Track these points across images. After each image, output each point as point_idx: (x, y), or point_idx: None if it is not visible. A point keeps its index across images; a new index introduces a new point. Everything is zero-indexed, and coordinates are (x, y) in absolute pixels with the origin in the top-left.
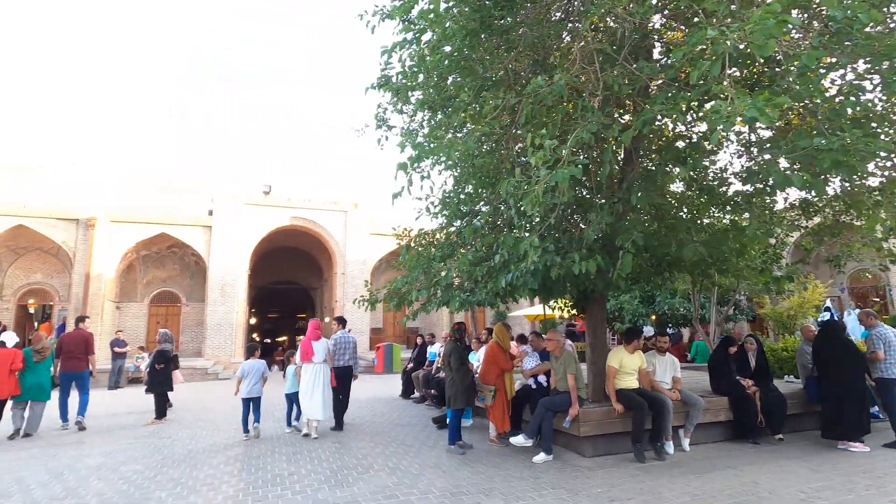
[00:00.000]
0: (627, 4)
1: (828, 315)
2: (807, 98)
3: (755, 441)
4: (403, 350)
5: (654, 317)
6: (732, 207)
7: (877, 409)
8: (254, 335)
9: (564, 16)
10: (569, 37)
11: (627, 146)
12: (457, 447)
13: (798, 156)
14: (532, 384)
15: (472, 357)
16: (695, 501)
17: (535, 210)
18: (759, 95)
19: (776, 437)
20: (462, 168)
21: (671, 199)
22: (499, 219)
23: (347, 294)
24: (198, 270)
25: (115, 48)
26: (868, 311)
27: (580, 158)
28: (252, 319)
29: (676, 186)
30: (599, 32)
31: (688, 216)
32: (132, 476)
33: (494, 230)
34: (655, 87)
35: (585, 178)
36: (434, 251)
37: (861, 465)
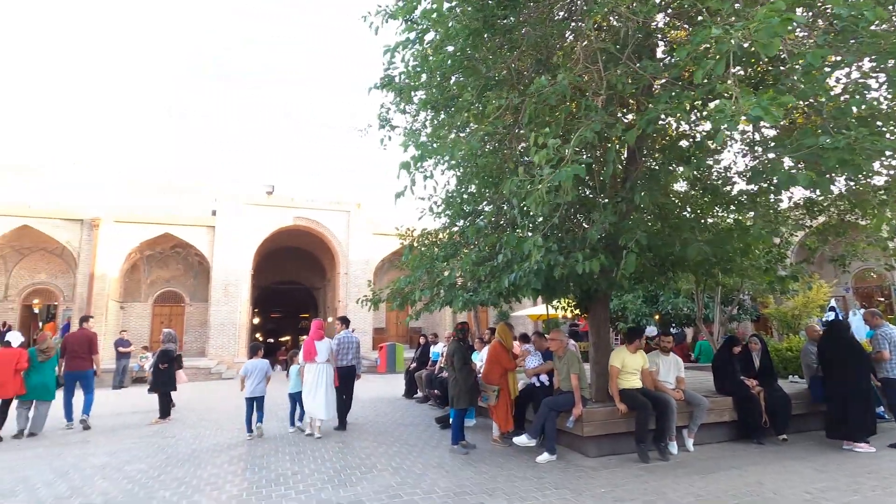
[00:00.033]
0: (631, 3)
1: (832, 315)
2: (812, 97)
3: (759, 441)
4: (406, 350)
5: (658, 316)
6: (737, 207)
7: (882, 410)
8: (257, 335)
9: (567, 15)
10: (572, 36)
11: (631, 145)
12: (460, 447)
13: (803, 154)
14: (536, 382)
15: (476, 357)
16: (699, 502)
17: (539, 210)
18: (764, 94)
19: (780, 438)
20: (465, 168)
21: (675, 199)
22: (502, 218)
23: (350, 294)
24: (201, 270)
25: (116, 48)
26: (873, 311)
27: (584, 157)
28: (255, 319)
29: (680, 186)
30: (602, 31)
31: (691, 215)
32: (136, 475)
33: (497, 230)
34: (659, 87)
35: (589, 178)
36: (437, 251)
37: (866, 466)
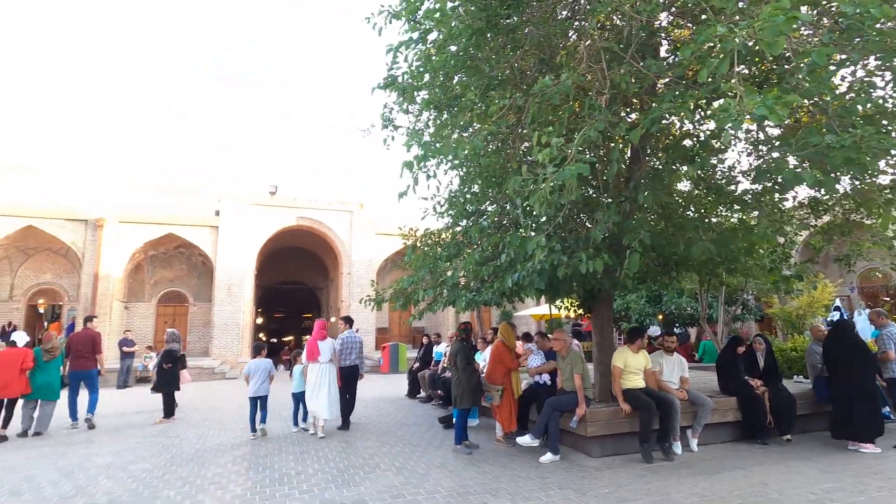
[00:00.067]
0: (634, 2)
1: (837, 314)
2: (817, 95)
3: (764, 442)
4: (409, 350)
5: (661, 316)
6: (741, 206)
7: (888, 410)
8: (260, 335)
9: (571, 14)
10: (575, 35)
11: (635, 145)
12: (463, 447)
13: (808, 153)
14: (540, 381)
15: (479, 357)
16: (703, 502)
17: (542, 209)
18: (769, 93)
19: (784, 438)
20: (468, 167)
21: (678, 198)
22: (505, 218)
23: (353, 294)
24: (205, 270)
25: (116, 48)
26: (879, 311)
27: (587, 156)
28: (259, 319)
29: (684, 185)
30: (606, 31)
31: (695, 215)
32: (141, 475)
33: (501, 229)
34: (662, 86)
35: (592, 178)
36: (440, 251)
37: (872, 467)
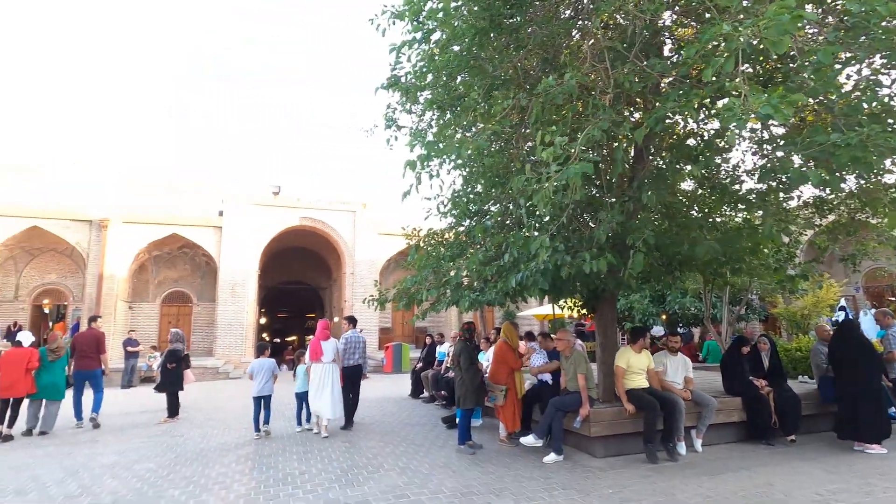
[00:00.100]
0: (638, 1)
1: (843, 314)
2: (822, 94)
3: (769, 442)
4: (412, 350)
5: (665, 316)
6: (746, 205)
7: (894, 410)
8: (264, 335)
9: (574, 14)
10: (578, 34)
11: (639, 144)
12: (467, 447)
13: (814, 152)
14: (546, 380)
15: (482, 357)
16: (708, 503)
17: (546, 209)
18: (774, 92)
19: (788, 439)
20: (471, 167)
21: (682, 198)
22: (508, 218)
23: (356, 294)
24: (208, 271)
25: (116, 48)
26: (885, 311)
27: (591, 156)
28: (262, 319)
29: (687, 185)
30: (609, 30)
31: (699, 214)
32: (145, 474)
33: (504, 229)
34: (666, 85)
35: (596, 177)
36: (443, 251)
37: (878, 467)
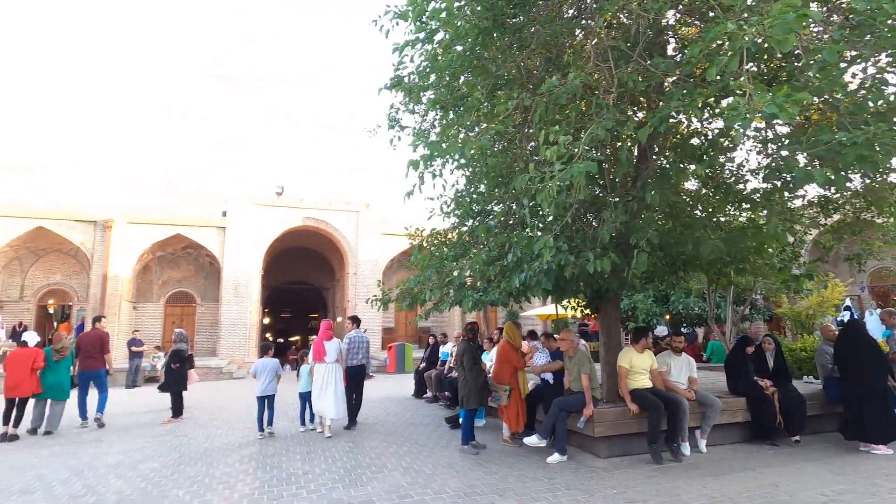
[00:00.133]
0: (641, 0)
1: (848, 314)
2: (827, 93)
3: (773, 443)
4: (415, 350)
5: (668, 316)
6: (751, 205)
7: None
8: (267, 335)
9: (577, 13)
10: (582, 34)
11: (642, 144)
12: (470, 447)
13: (820, 151)
14: (549, 379)
15: (485, 357)
16: None
17: (550, 208)
18: (779, 91)
19: (793, 439)
20: (475, 167)
21: (686, 198)
22: (511, 218)
23: (359, 294)
24: (212, 271)
25: (116, 48)
26: (890, 311)
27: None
28: (265, 319)
29: (691, 184)
30: (613, 29)
31: (703, 214)
32: (150, 474)
33: (507, 229)
34: (670, 84)
35: (599, 177)
36: (446, 251)
37: (884, 468)
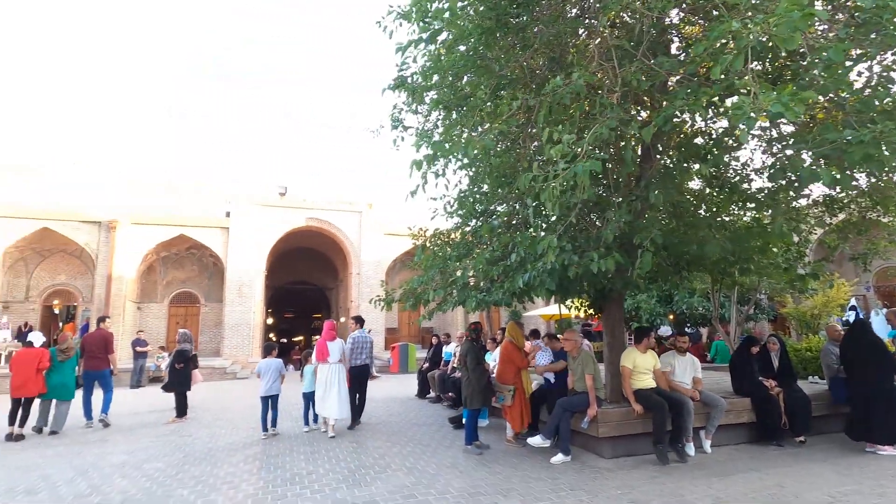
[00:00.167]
0: None
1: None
2: (833, 91)
3: (779, 443)
4: (419, 350)
5: (672, 316)
6: (756, 204)
7: None
8: (271, 335)
9: (580, 12)
10: (585, 33)
11: (646, 143)
12: (474, 447)
13: (826, 150)
14: (550, 378)
15: (489, 357)
16: None
17: (553, 207)
18: (784, 90)
19: (798, 440)
20: (478, 167)
21: (690, 197)
22: (515, 218)
23: (362, 294)
24: (216, 271)
25: (115, 48)
26: None
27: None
28: (269, 319)
29: (695, 184)
30: (616, 28)
31: (707, 214)
32: (154, 474)
33: (511, 229)
34: (674, 83)
35: (603, 177)
36: (450, 251)
37: (891, 469)
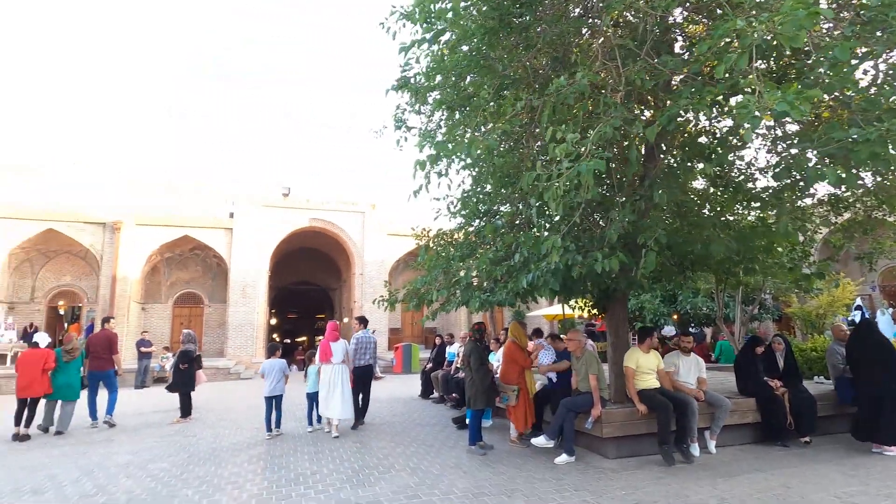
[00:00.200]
0: None
1: (859, 314)
2: (839, 90)
3: (784, 444)
4: (422, 350)
5: (676, 316)
6: (760, 204)
7: None
8: (274, 335)
9: (584, 12)
10: (588, 33)
11: (650, 142)
12: (478, 448)
13: (831, 149)
14: (553, 378)
15: (492, 357)
16: None
17: (557, 207)
18: (789, 88)
19: (803, 440)
20: (481, 167)
21: (694, 197)
22: (518, 218)
23: (366, 294)
24: (219, 272)
25: (116, 48)
26: None
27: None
28: (272, 320)
29: (699, 183)
30: (620, 28)
31: (711, 213)
32: (159, 474)
33: (514, 229)
34: (678, 82)
35: (606, 176)
36: (453, 251)
37: None
